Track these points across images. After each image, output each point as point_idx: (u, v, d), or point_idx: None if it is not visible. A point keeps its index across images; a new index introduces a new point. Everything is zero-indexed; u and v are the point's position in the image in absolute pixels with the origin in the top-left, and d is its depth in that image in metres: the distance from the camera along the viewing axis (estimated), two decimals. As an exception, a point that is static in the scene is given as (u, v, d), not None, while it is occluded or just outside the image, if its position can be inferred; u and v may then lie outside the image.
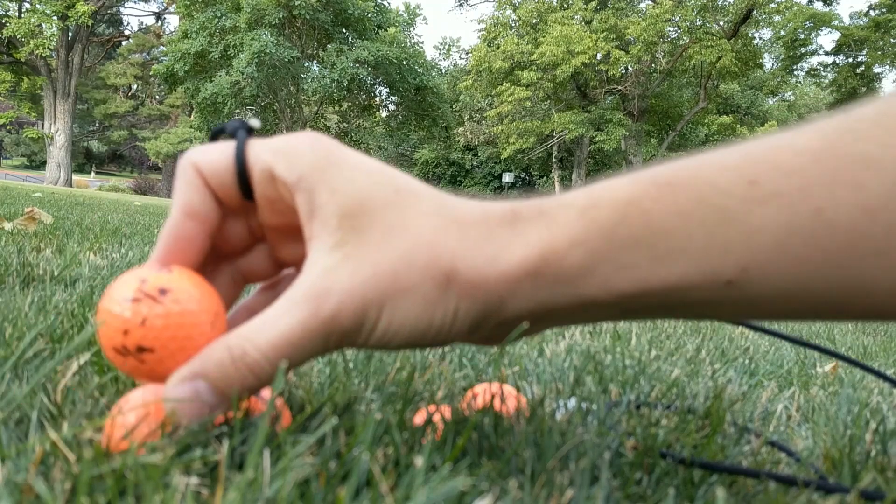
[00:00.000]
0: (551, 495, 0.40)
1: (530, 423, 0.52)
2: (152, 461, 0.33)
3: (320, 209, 0.37)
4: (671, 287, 0.35)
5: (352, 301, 0.35)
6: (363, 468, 0.32)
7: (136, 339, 0.35)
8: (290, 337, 0.35)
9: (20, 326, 0.74)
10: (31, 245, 1.75)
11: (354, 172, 0.38)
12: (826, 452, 0.63)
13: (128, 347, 0.35)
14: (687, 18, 18.14)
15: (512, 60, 19.72)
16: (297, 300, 0.36)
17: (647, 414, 0.70)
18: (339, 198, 0.37)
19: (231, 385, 0.36)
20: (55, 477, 0.34)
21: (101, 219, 3.72)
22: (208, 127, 19.44)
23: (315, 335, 0.35)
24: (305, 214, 0.38)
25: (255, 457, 0.31)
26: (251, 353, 0.35)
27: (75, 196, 8.60)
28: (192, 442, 0.37)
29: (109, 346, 0.36)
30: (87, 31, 24.94)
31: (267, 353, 0.35)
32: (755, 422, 0.77)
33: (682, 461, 0.47)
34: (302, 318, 0.35)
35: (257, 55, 17.25)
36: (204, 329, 0.36)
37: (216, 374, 0.36)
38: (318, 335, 0.35)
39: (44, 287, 1.12)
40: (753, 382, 1.03)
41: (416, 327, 0.37)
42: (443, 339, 0.38)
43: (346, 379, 0.66)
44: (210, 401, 0.36)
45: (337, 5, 18.45)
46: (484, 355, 0.96)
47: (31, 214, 2.53)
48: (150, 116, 34.02)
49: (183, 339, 0.36)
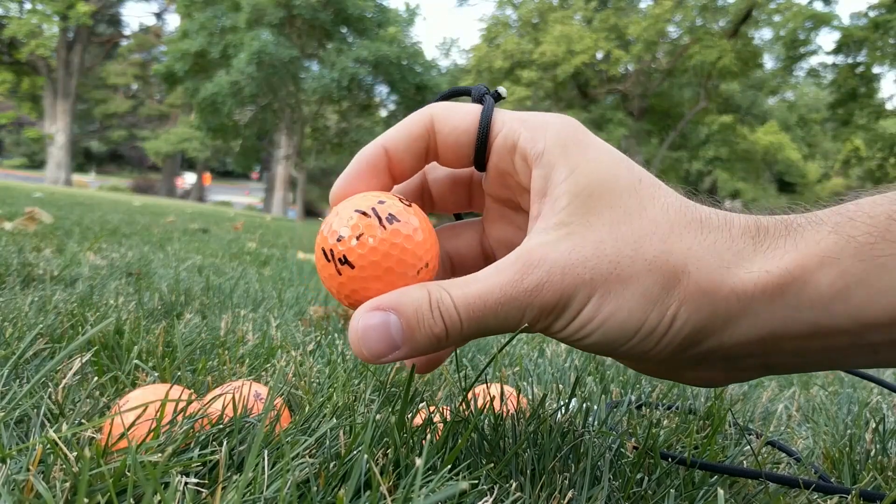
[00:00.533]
0: (552, 496, 0.40)
1: (531, 423, 0.52)
2: (151, 461, 0.33)
3: (554, 187, 0.35)
4: None
5: (562, 277, 0.33)
6: (363, 469, 0.32)
7: (343, 251, 0.35)
8: (487, 298, 0.34)
9: (20, 326, 0.74)
10: (31, 245, 1.75)
11: (600, 154, 0.36)
12: (826, 452, 0.63)
13: (334, 254, 0.35)
14: (687, 18, 18.14)
15: (512, 59, 19.70)
16: (504, 266, 0.34)
17: (648, 414, 0.70)
18: (577, 177, 0.35)
19: (420, 328, 0.34)
20: (55, 476, 0.34)
21: (101, 218, 3.72)
22: (208, 127, 19.42)
23: (512, 304, 0.34)
24: (537, 191, 0.36)
25: (254, 457, 0.31)
26: (447, 300, 0.34)
27: (75, 196, 8.59)
28: (191, 441, 0.37)
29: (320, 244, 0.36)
30: (87, 31, 24.93)
31: (460, 306, 0.34)
32: (756, 422, 0.77)
33: (682, 462, 0.47)
34: (503, 283, 0.34)
35: (257, 55, 17.23)
36: (408, 272, 0.36)
37: (410, 312, 0.34)
38: (515, 304, 0.34)
39: (44, 287, 1.12)
40: (754, 382, 1.02)
41: (625, 325, 0.34)
42: (649, 347, 0.35)
43: (346, 379, 0.66)
44: (396, 338, 0.35)
45: (336, 4, 18.43)
46: (484, 356, 0.96)
47: (31, 214, 2.52)
48: (149, 116, 34.01)
49: (385, 270, 0.35)
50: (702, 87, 19.02)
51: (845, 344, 0.34)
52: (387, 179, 0.39)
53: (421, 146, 0.39)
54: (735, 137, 19.87)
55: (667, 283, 0.33)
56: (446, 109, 0.39)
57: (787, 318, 0.33)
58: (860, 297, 0.32)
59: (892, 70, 16.39)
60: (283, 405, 0.53)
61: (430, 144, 0.39)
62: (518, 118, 0.38)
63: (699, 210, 0.36)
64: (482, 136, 0.38)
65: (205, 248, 2.59)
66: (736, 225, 0.35)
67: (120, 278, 1.35)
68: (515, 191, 0.39)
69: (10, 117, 27.39)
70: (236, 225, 5.56)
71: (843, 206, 0.34)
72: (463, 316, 0.34)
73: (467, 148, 0.38)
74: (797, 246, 0.33)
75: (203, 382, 0.65)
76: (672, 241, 0.34)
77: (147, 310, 1.01)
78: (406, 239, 0.35)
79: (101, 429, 0.44)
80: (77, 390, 0.55)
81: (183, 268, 1.69)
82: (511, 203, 0.41)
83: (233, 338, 0.87)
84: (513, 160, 0.38)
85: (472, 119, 0.38)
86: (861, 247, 0.32)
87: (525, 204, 0.39)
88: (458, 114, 0.38)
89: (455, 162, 0.40)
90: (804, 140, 23.10)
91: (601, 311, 0.34)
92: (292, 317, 1.16)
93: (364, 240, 0.35)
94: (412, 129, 0.39)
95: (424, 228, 0.37)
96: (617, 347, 0.35)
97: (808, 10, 17.04)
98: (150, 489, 0.27)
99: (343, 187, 0.39)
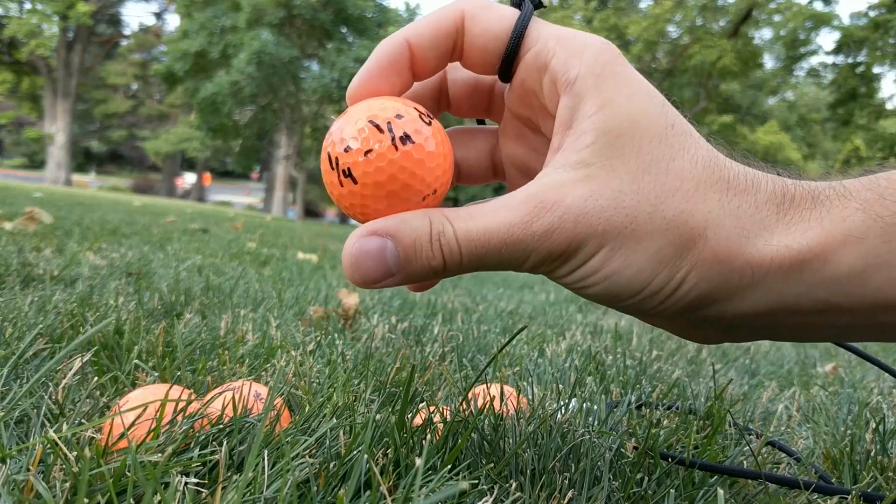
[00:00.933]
0: (552, 496, 0.40)
1: (530, 423, 0.52)
2: (151, 461, 0.33)
3: (581, 121, 0.33)
4: None
5: (574, 225, 0.32)
6: (363, 469, 0.31)
7: (349, 163, 0.33)
8: (491, 236, 0.32)
9: (20, 326, 0.74)
10: (30, 245, 1.75)
11: (634, 91, 0.34)
12: (826, 452, 0.63)
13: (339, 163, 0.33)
14: (687, 18, 18.15)
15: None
16: (515, 203, 0.32)
17: (648, 414, 0.70)
18: (606, 114, 0.33)
19: (417, 258, 0.33)
20: (55, 476, 0.34)
21: (101, 218, 3.72)
22: (208, 127, 19.43)
23: (518, 245, 0.32)
24: (563, 121, 0.34)
25: (254, 457, 0.31)
26: (448, 233, 0.32)
27: (75, 196, 8.59)
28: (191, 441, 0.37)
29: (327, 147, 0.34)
30: (87, 30, 24.94)
31: (462, 241, 0.32)
32: (756, 422, 0.77)
33: (682, 462, 0.47)
34: (511, 222, 0.32)
35: (257, 54, 17.24)
36: (413, 198, 0.34)
37: (408, 241, 0.33)
38: (521, 246, 0.32)
39: (43, 287, 1.12)
40: (754, 382, 1.02)
41: (631, 282, 0.32)
42: (652, 306, 0.33)
43: (346, 379, 0.66)
44: (391, 265, 0.33)
45: (336, 4, 18.44)
46: (483, 356, 0.96)
47: (30, 214, 2.52)
48: (149, 116, 34.02)
49: (388, 193, 0.33)
50: (702, 86, 19.02)
51: (854, 322, 0.33)
52: (408, 77, 0.36)
53: (448, 44, 0.36)
54: (735, 137, 19.86)
55: (682, 245, 0.32)
56: (480, 8, 0.35)
57: (800, 295, 0.32)
58: (880, 278, 0.31)
59: (892, 70, 16.39)
60: (283, 405, 0.53)
61: (457, 43, 0.36)
62: (555, 35, 0.35)
63: (728, 168, 0.34)
64: (513, 47, 0.35)
65: (205, 248, 2.59)
66: (762, 189, 0.33)
67: (120, 278, 1.35)
68: (538, 112, 0.37)
69: (10, 117, 27.40)
70: (236, 225, 5.56)
71: (874, 180, 0.33)
72: (464, 251, 0.32)
73: (495, 56, 0.36)
74: (822, 221, 0.32)
75: (203, 382, 0.65)
76: (695, 201, 0.32)
77: (147, 310, 1.01)
78: (417, 164, 0.33)
79: (101, 429, 0.44)
80: (77, 390, 0.55)
81: (183, 268, 1.68)
82: (531, 123, 0.39)
83: (233, 338, 0.87)
84: (541, 80, 0.35)
85: (506, 24, 0.35)
86: (887, 227, 0.30)
87: (546, 128, 0.37)
88: (493, 16, 0.35)
89: (480, 68, 0.37)
90: (804, 140, 23.11)
91: (608, 265, 0.32)
92: (292, 317, 1.16)
93: (372, 157, 0.32)
94: (441, 24, 0.35)
95: (439, 153, 0.34)
96: (618, 301, 0.34)
97: (808, 10, 17.05)
98: (150, 489, 0.27)
99: (361, 84, 0.35)
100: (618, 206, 0.32)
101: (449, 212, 0.33)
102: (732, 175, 0.33)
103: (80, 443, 0.42)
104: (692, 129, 0.35)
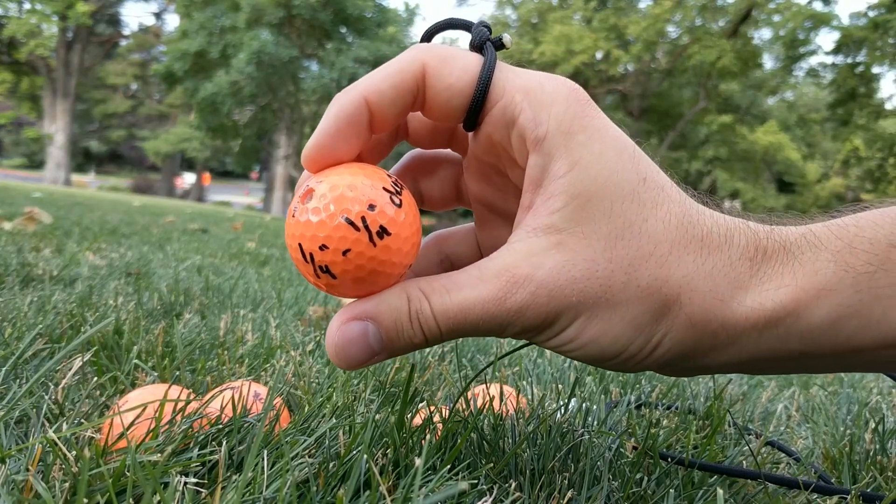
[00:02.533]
0: (552, 496, 0.40)
1: (530, 423, 0.52)
2: (151, 461, 0.33)
3: (551, 181, 0.32)
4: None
5: (548, 299, 0.32)
6: (362, 469, 0.31)
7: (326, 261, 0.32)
8: (468, 313, 0.32)
9: (20, 326, 0.73)
10: (30, 245, 1.75)
11: (604, 145, 0.33)
12: (826, 452, 0.63)
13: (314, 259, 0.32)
14: (687, 18, 18.15)
15: (512, 59, 19.63)
16: (489, 276, 0.32)
17: (648, 414, 0.70)
18: (576, 175, 0.32)
19: (399, 337, 0.33)
20: (55, 476, 0.34)
21: (100, 219, 3.72)
22: (207, 127, 19.43)
23: (494, 320, 0.32)
24: (533, 179, 0.33)
25: (254, 457, 0.31)
26: (426, 311, 0.32)
27: (74, 196, 8.59)
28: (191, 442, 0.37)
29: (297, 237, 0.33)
30: (86, 30, 24.93)
31: (440, 318, 0.32)
32: (755, 422, 0.77)
33: (681, 462, 0.47)
34: (485, 298, 0.32)
35: (256, 54, 17.24)
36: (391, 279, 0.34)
37: (388, 322, 0.33)
38: (496, 321, 0.32)
39: (43, 287, 1.12)
40: (753, 382, 1.02)
41: (608, 348, 0.33)
42: (630, 365, 0.34)
43: (346, 379, 0.66)
44: (375, 346, 0.33)
45: (336, 4, 18.44)
46: (483, 356, 0.96)
47: (30, 214, 2.52)
48: (149, 116, 34.01)
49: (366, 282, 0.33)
50: (701, 86, 19.02)
51: (825, 364, 0.34)
52: (367, 135, 0.35)
53: (408, 101, 0.34)
54: (735, 137, 19.88)
55: (657, 311, 0.32)
56: (441, 60, 0.34)
57: (774, 348, 0.33)
58: (851, 327, 0.31)
59: (892, 70, 16.39)
60: (283, 405, 0.53)
61: (418, 98, 0.34)
62: (522, 88, 0.34)
63: (701, 224, 0.33)
64: (477, 102, 0.33)
65: (204, 248, 2.59)
66: (736, 244, 0.33)
67: (119, 278, 1.35)
68: (505, 161, 0.36)
69: (10, 117, 27.39)
70: (235, 225, 5.56)
71: (843, 227, 0.33)
72: (443, 327, 0.33)
73: (459, 110, 0.34)
74: (795, 276, 0.32)
75: (202, 382, 0.65)
76: (669, 266, 0.32)
77: (146, 310, 1.01)
78: (395, 252, 0.33)
79: (101, 429, 0.44)
80: (77, 390, 0.55)
81: (182, 268, 1.68)
82: (497, 168, 0.38)
83: (232, 338, 0.87)
84: (509, 135, 0.34)
85: (469, 77, 0.33)
86: (859, 277, 0.31)
87: (513, 175, 0.36)
88: (455, 69, 0.33)
89: (444, 120, 0.35)
90: (804, 140, 23.11)
91: (585, 334, 0.32)
92: (291, 317, 1.16)
93: (350, 256, 0.32)
94: (400, 81, 0.33)
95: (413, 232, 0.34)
96: (599, 363, 0.34)
97: (808, 10, 17.06)
98: (149, 489, 0.27)
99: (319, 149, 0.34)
100: (591, 277, 0.31)
101: (425, 285, 0.33)
102: (706, 231, 0.33)
103: (80, 443, 0.42)
104: (665, 181, 0.34)
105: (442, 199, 0.41)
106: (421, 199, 0.41)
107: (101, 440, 0.39)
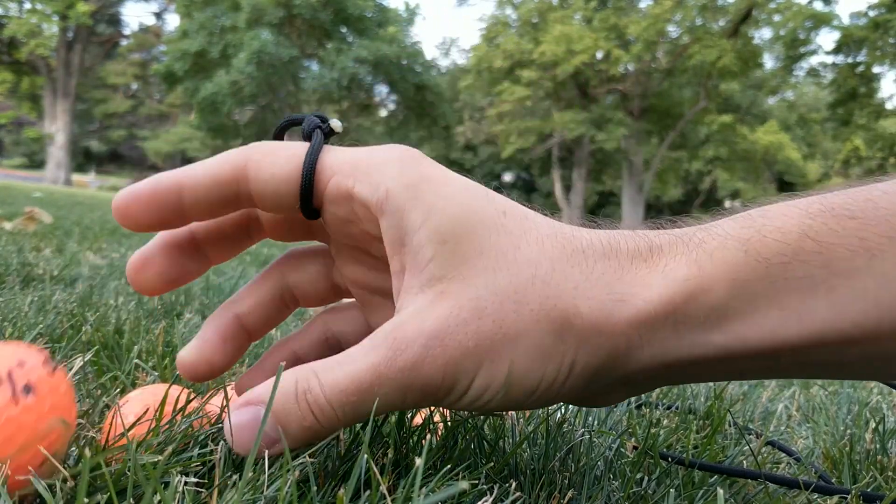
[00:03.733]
0: (552, 496, 0.40)
1: (530, 423, 0.52)
2: (151, 461, 0.33)
3: (412, 234, 0.31)
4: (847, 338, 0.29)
5: (442, 350, 0.29)
6: (362, 468, 0.32)
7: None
8: (360, 383, 0.30)
9: (20, 326, 0.74)
10: (30, 245, 1.75)
11: (453, 187, 0.32)
12: (826, 452, 0.63)
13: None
14: (687, 18, 18.16)
15: (512, 59, 19.72)
16: (377, 343, 0.30)
17: (648, 414, 0.70)
18: (436, 218, 0.30)
19: (290, 420, 0.30)
20: (55, 476, 0.34)
21: (101, 218, 3.72)
22: (208, 126, 19.44)
23: (389, 385, 0.30)
24: (393, 241, 0.32)
25: (253, 456, 0.31)
26: (315, 390, 0.30)
27: (75, 195, 8.60)
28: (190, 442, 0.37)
29: None
30: (86, 30, 24.95)
31: (331, 396, 0.30)
32: (755, 422, 0.77)
33: (681, 462, 0.47)
34: (374, 363, 0.30)
35: (256, 54, 17.24)
36: None
37: (277, 406, 0.30)
38: (392, 386, 0.30)
39: (43, 286, 1.12)
40: (754, 382, 1.02)
41: (522, 385, 0.30)
42: (551, 397, 0.32)
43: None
44: (272, 433, 0.31)
45: (336, 4, 18.44)
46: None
47: (30, 214, 2.53)
48: (149, 116, 34.04)
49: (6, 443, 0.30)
50: (702, 86, 19.03)
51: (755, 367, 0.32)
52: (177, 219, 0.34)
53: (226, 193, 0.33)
54: (735, 137, 19.87)
55: (559, 330, 0.30)
56: (265, 154, 0.33)
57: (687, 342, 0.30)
58: (773, 318, 0.29)
59: (892, 70, 16.40)
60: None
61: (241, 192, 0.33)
62: (349, 161, 0.32)
63: (578, 238, 0.32)
64: (306, 185, 0.32)
65: (205, 247, 2.59)
66: (624, 249, 0.32)
67: (120, 278, 1.35)
68: (362, 237, 0.34)
69: (10, 117, 27.42)
70: (236, 225, 5.56)
71: (750, 218, 0.31)
72: (335, 404, 0.30)
73: (292, 197, 0.32)
74: (700, 263, 0.30)
75: (202, 382, 0.65)
76: (556, 282, 0.30)
77: (147, 310, 1.01)
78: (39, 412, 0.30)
79: (101, 429, 0.44)
80: (77, 390, 0.55)
81: (183, 267, 1.68)
82: (360, 248, 0.36)
83: (232, 337, 0.87)
84: (353, 209, 0.33)
85: (294, 164, 0.32)
86: (772, 267, 0.29)
87: (375, 250, 0.35)
88: (278, 159, 0.32)
89: (281, 210, 0.34)
90: (804, 140, 23.12)
91: (495, 379, 0.30)
92: (291, 317, 1.16)
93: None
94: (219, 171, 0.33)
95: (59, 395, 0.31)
96: (521, 405, 0.32)
97: (808, 10, 17.06)
98: (149, 489, 0.27)
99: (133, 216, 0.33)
100: (482, 315, 0.29)
101: (316, 364, 0.31)
102: (585, 244, 0.32)
103: (80, 443, 0.42)
104: (527, 211, 0.33)
105: (316, 294, 0.39)
106: (294, 298, 0.39)
107: (102, 440, 0.39)
